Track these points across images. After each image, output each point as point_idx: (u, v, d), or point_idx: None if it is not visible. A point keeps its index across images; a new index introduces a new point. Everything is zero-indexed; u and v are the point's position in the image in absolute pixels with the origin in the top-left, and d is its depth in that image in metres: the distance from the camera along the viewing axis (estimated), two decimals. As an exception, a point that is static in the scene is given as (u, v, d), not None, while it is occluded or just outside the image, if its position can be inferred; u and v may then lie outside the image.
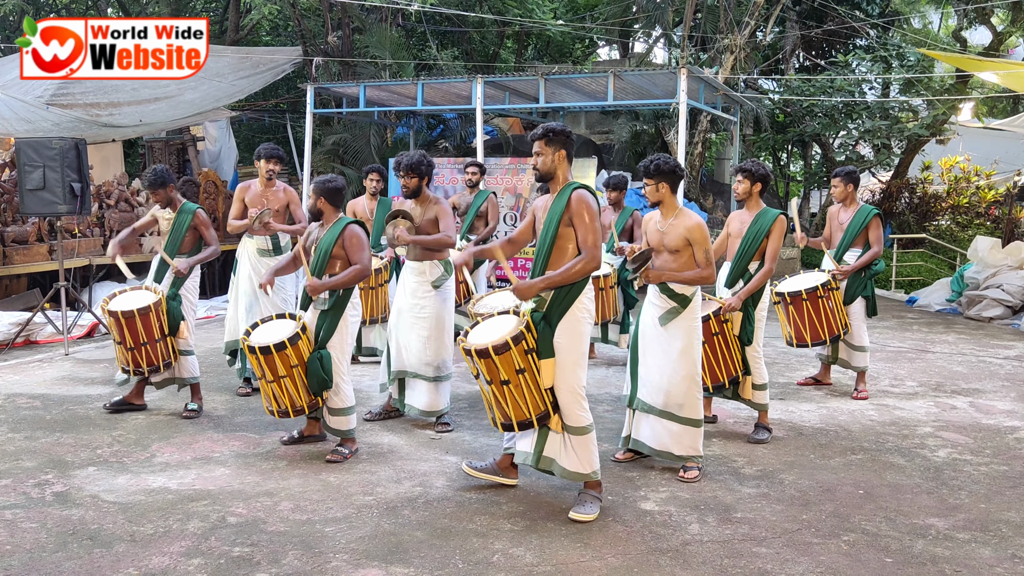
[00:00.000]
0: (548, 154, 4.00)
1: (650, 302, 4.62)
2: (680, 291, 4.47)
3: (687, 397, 4.51)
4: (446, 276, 5.42)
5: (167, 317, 5.56)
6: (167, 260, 5.73)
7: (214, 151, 14.39)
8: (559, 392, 3.97)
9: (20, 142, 7.84)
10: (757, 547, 3.71)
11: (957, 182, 16.06)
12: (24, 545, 3.67)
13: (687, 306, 4.48)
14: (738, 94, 13.47)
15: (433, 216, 5.32)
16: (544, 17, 16.68)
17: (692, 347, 4.50)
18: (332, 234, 4.84)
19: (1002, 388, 6.75)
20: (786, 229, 5.30)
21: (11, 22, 18.65)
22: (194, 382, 5.79)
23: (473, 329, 4.10)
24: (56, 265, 8.87)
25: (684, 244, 4.44)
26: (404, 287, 5.46)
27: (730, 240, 5.44)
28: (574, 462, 4.01)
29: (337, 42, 14.90)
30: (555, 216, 3.95)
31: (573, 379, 3.96)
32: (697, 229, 4.41)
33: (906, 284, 13.63)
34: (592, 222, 3.90)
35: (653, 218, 4.64)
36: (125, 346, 5.45)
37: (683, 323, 4.49)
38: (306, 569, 3.46)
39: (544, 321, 3.92)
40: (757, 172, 5.26)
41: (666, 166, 4.44)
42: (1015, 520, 4.05)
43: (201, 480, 4.49)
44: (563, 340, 3.92)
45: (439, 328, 5.37)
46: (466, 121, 15.48)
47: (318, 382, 4.71)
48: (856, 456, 4.99)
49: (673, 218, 4.50)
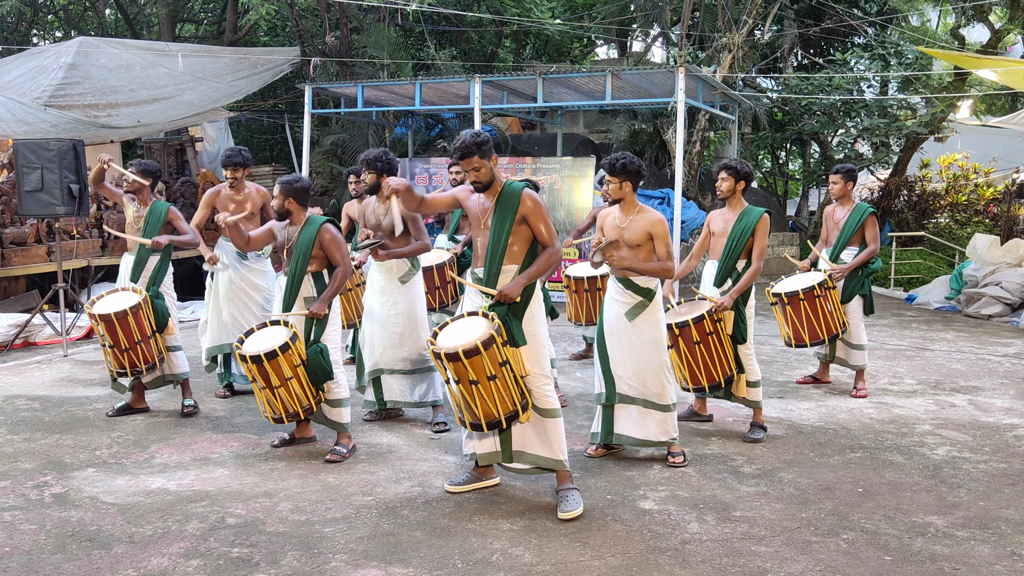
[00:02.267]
0: (485, 166, 4.10)
1: (612, 299, 4.73)
2: (644, 285, 4.62)
3: (662, 385, 4.67)
4: (413, 272, 5.46)
5: (155, 314, 5.60)
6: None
7: (212, 152, 14.37)
8: (529, 377, 4.09)
9: (18, 143, 7.84)
10: (756, 546, 3.71)
11: (956, 180, 16.06)
12: (23, 547, 3.67)
13: (652, 299, 4.64)
14: (736, 92, 13.46)
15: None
16: (542, 16, 16.67)
17: (661, 336, 4.69)
18: (308, 235, 4.87)
19: (1001, 385, 6.76)
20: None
21: (9, 23, 18.65)
22: (184, 377, 5.81)
23: (442, 331, 4.12)
24: (55, 266, 8.87)
25: (646, 239, 4.59)
26: (372, 286, 5.48)
27: (713, 239, 5.47)
28: (545, 447, 4.13)
29: (335, 42, 14.90)
30: (508, 215, 4.09)
31: (543, 362, 4.14)
32: (660, 224, 4.60)
33: (905, 282, 13.63)
34: (546, 217, 4.12)
35: (611, 214, 4.77)
36: (119, 347, 5.45)
37: (650, 315, 4.64)
38: (305, 570, 3.46)
39: (510, 314, 4.06)
40: (741, 170, 5.32)
41: (632, 166, 4.59)
42: (1014, 518, 4.05)
43: (200, 481, 4.49)
44: (530, 327, 4.12)
45: (412, 323, 5.39)
46: (464, 121, 15.47)
47: (322, 373, 4.76)
48: (855, 454, 4.99)
49: (635, 214, 4.63)
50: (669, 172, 14.08)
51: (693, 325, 5.05)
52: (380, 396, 5.54)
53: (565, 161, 12.19)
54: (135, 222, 5.92)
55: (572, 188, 11.76)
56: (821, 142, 16.39)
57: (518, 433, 4.18)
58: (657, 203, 13.17)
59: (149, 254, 5.83)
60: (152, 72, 11.36)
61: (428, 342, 4.07)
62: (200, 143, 14.49)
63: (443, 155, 14.47)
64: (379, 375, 5.50)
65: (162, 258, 5.86)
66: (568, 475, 4.18)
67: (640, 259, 4.60)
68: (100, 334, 5.46)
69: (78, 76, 10.56)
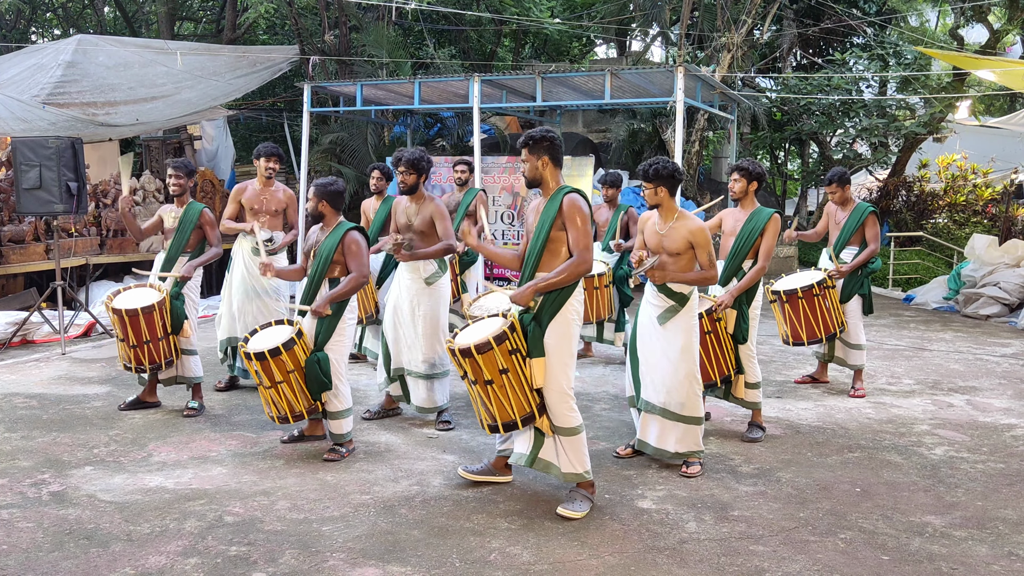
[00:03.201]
0: (532, 161, 4.04)
1: (648, 302, 4.64)
2: (679, 290, 4.51)
3: (688, 395, 4.54)
4: (440, 273, 5.43)
5: (171, 316, 5.58)
6: (173, 276, 5.71)
7: (211, 150, 14.35)
8: (547, 393, 3.98)
9: (16, 141, 7.82)
10: (754, 545, 3.71)
11: (954, 180, 16.08)
12: (20, 545, 3.67)
13: (685, 304, 4.51)
14: (735, 92, 13.45)
15: (428, 216, 5.32)
16: (541, 16, 16.65)
17: (691, 344, 4.55)
18: (333, 239, 4.83)
19: (999, 386, 6.76)
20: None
21: (8, 20, 18.63)
22: (196, 381, 5.81)
23: (464, 330, 4.11)
24: (53, 264, 8.85)
25: (686, 247, 4.47)
26: (399, 285, 5.46)
27: (723, 238, 5.45)
28: (567, 464, 4.04)
29: (334, 41, 14.88)
30: (547, 219, 3.97)
31: (562, 379, 3.98)
32: (700, 232, 4.45)
33: (903, 282, 13.64)
34: (584, 225, 3.92)
35: (651, 219, 4.65)
36: (128, 343, 5.48)
37: (682, 321, 4.52)
38: (303, 568, 3.46)
39: (534, 322, 3.94)
40: (754, 171, 5.28)
41: (665, 170, 4.46)
42: (1012, 518, 4.06)
43: (198, 479, 4.48)
44: (552, 341, 3.94)
45: (433, 325, 5.37)
46: (463, 120, 15.46)
47: (317, 384, 4.69)
48: (853, 454, 4.99)
49: (674, 221, 4.53)
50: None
51: None
52: (407, 394, 5.52)
53: (564, 160, 12.18)
54: (173, 223, 5.91)
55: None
56: (820, 142, 16.40)
57: (547, 447, 4.08)
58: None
59: (179, 253, 5.82)
60: (151, 70, 11.35)
61: (448, 340, 4.06)
62: (199, 141, 14.48)
63: (442, 154, 14.46)
64: (403, 375, 5.49)
65: (191, 258, 5.86)
66: (591, 484, 4.12)
67: (680, 267, 4.50)
68: (113, 324, 5.51)
69: (76, 74, 10.54)
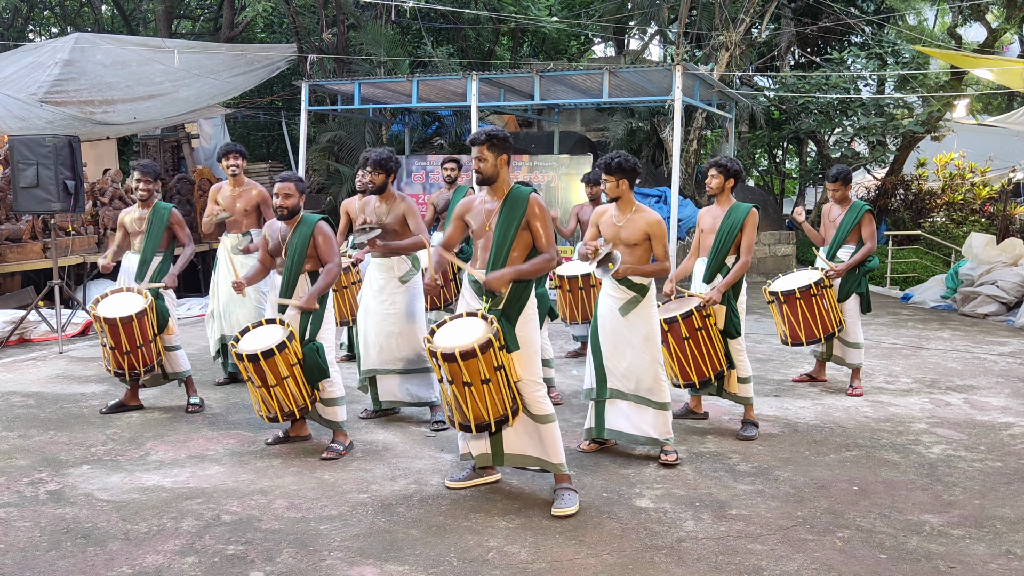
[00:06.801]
0: (491, 159, 4.12)
1: (607, 294, 4.76)
2: (639, 281, 4.65)
3: (655, 381, 4.69)
4: (414, 272, 5.44)
5: (156, 317, 5.57)
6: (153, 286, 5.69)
7: (209, 148, 14.33)
8: (521, 384, 4.08)
9: (14, 139, 7.81)
10: (752, 544, 3.72)
11: (952, 179, 16.09)
12: (17, 544, 3.66)
13: (646, 294, 4.66)
14: (733, 91, 13.46)
15: (400, 214, 5.31)
16: (539, 14, 16.64)
17: (654, 332, 4.70)
18: (302, 234, 4.87)
19: (996, 384, 6.77)
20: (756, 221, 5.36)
21: (5, 19, 18.60)
22: (186, 375, 5.81)
23: (440, 329, 4.11)
24: (50, 263, 8.83)
25: (643, 238, 4.62)
26: (371, 284, 5.44)
27: (703, 236, 5.48)
28: (540, 451, 4.15)
29: (332, 39, 14.88)
30: (515, 218, 4.08)
31: (535, 369, 4.12)
32: (658, 225, 4.63)
33: (901, 281, 13.66)
34: (549, 224, 4.13)
35: (607, 212, 4.78)
36: (120, 351, 5.43)
37: (643, 311, 4.67)
38: (301, 567, 3.46)
39: (504, 318, 4.04)
40: (731, 168, 5.36)
41: (627, 164, 4.61)
42: (1009, 516, 4.06)
43: (195, 478, 4.48)
44: (523, 333, 4.09)
45: (409, 323, 5.37)
46: (461, 118, 15.45)
47: (318, 371, 4.75)
48: (851, 453, 5.00)
49: (632, 213, 4.66)
50: (666, 170, 14.08)
51: (682, 321, 5.06)
52: (376, 397, 5.52)
53: (562, 159, 12.19)
54: (137, 224, 5.88)
55: (569, 186, 11.77)
56: (818, 141, 16.40)
57: (510, 436, 4.18)
58: (654, 201, 13.19)
59: (153, 254, 5.81)
60: (148, 69, 11.34)
61: (425, 339, 4.07)
62: (196, 140, 14.46)
63: (440, 152, 14.46)
64: (374, 375, 5.48)
65: (164, 258, 5.85)
66: (567, 476, 4.18)
67: (637, 259, 4.63)
68: (100, 331, 5.45)
69: (74, 72, 10.53)
